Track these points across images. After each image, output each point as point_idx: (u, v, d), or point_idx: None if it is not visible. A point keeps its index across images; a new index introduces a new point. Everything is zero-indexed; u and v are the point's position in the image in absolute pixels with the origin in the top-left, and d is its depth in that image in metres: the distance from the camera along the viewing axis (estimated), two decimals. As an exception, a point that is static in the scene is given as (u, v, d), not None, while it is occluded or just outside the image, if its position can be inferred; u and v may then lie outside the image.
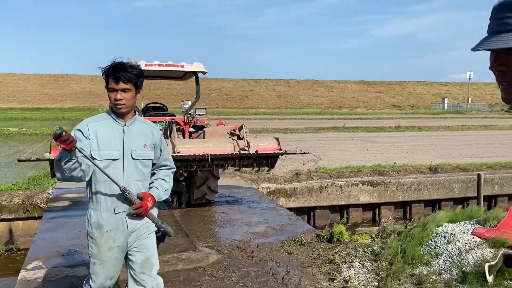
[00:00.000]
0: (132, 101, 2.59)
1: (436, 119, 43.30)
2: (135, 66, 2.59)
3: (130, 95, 2.56)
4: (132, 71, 2.54)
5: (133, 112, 2.68)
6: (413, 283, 3.87)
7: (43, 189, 8.81)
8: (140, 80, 2.60)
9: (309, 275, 4.24)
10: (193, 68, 6.79)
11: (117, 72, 2.50)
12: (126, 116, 2.62)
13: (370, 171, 11.60)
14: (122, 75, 2.49)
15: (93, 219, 2.59)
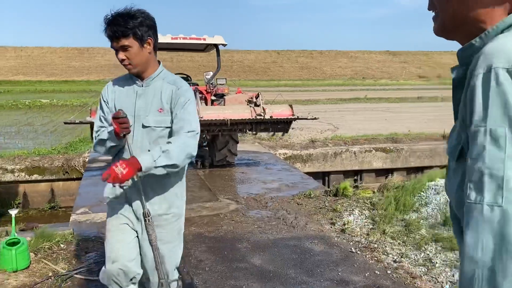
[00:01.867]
0: (139, 58, 2.16)
1: (461, 89, 42.54)
2: (132, 15, 2.12)
3: (134, 51, 2.14)
4: (127, 23, 2.09)
5: (155, 67, 2.26)
6: (402, 226, 4.51)
7: (79, 153, 9.70)
8: (143, 29, 2.12)
9: (314, 220, 4.93)
10: (214, 40, 7.40)
11: (109, 28, 2.11)
12: (144, 73, 2.23)
13: (384, 138, 12.09)
14: (116, 31, 2.09)
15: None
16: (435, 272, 3.53)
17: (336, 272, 3.62)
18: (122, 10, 2.12)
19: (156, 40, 2.22)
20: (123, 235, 2.24)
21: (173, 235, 2.33)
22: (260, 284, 3.40)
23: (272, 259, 3.88)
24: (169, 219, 2.30)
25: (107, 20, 2.12)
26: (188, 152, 2.12)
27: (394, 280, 3.46)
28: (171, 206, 2.29)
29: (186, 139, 2.12)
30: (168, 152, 2.05)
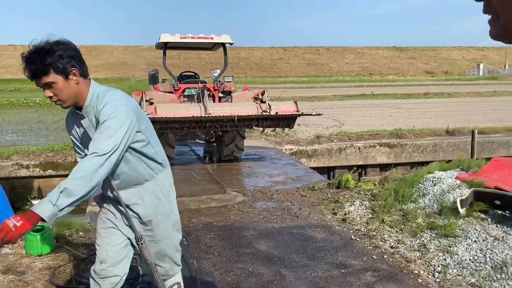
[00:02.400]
0: (67, 91, 2.04)
1: (469, 85, 42.45)
2: (48, 49, 1.99)
3: (60, 87, 2.02)
4: (44, 60, 1.97)
5: (86, 93, 2.10)
6: (400, 215, 4.76)
7: (92, 149, 10.03)
8: (63, 62, 2.00)
9: (317, 211, 5.20)
10: (221, 39, 7.67)
11: (27, 68, 2.00)
12: (79, 104, 2.12)
13: (389, 134, 12.31)
14: (34, 70, 1.98)
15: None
16: (429, 256, 3.78)
17: (336, 256, 3.88)
18: (39, 45, 2.00)
19: (82, 68, 2.08)
20: (111, 237, 2.29)
21: (168, 231, 2.39)
22: (265, 267, 3.67)
23: (276, 245, 4.15)
24: (159, 220, 2.33)
25: (23, 59, 1.99)
26: (92, 177, 1.90)
27: (390, 264, 3.71)
28: (156, 210, 2.31)
29: (86, 163, 1.94)
30: (67, 189, 1.85)
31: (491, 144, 12.01)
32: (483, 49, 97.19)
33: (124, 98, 2.15)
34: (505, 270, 3.41)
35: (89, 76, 2.16)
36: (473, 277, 3.40)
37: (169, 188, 2.40)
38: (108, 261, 2.25)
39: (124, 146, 2.05)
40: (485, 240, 3.96)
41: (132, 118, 2.09)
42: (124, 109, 2.07)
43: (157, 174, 2.31)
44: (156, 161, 2.29)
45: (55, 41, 2.03)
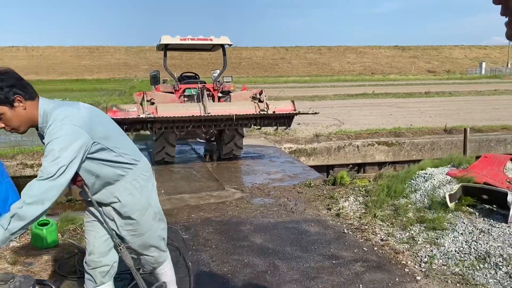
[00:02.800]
0: (17, 119, 2.08)
1: (471, 84, 42.51)
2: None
3: (8, 116, 2.06)
4: None
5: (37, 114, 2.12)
6: (392, 210, 4.93)
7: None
8: (3, 92, 2.02)
9: (312, 206, 5.37)
10: (220, 41, 7.86)
11: None
12: (36, 126, 2.15)
13: (387, 132, 12.46)
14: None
15: None
16: (416, 248, 3.95)
17: (328, 249, 4.06)
18: None
19: (26, 92, 2.08)
20: (95, 230, 2.41)
21: (149, 223, 2.46)
22: (260, 258, 3.85)
23: (271, 238, 4.33)
24: (138, 215, 2.40)
25: None
26: (43, 201, 1.93)
27: (380, 255, 3.89)
28: (133, 206, 2.37)
29: (34, 187, 1.95)
30: (17, 214, 1.90)
31: (489, 142, 12.17)
32: (485, 47, 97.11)
33: (70, 115, 2.08)
34: (488, 260, 3.58)
35: (37, 96, 2.15)
36: (457, 266, 3.57)
37: (144, 183, 2.42)
38: (96, 252, 2.39)
39: (76, 165, 2.04)
40: (472, 232, 4.12)
41: (79, 135, 2.06)
42: (68, 128, 2.03)
43: (126, 173, 2.33)
44: (121, 162, 2.30)
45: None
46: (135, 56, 79.07)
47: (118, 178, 2.32)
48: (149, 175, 2.50)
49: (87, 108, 2.24)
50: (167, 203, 5.61)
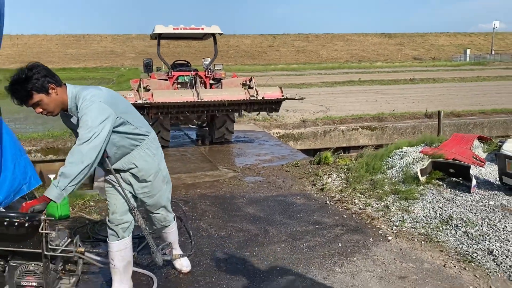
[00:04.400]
0: (53, 103, 2.53)
1: (456, 71, 43.32)
2: (24, 77, 2.43)
3: (45, 102, 2.50)
4: (24, 88, 2.43)
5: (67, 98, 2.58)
6: (370, 184, 5.47)
7: (90, 135, 10.59)
8: (40, 82, 2.45)
9: (298, 183, 5.89)
10: (211, 30, 8.28)
11: (14, 98, 2.47)
12: (65, 108, 2.61)
13: (371, 118, 13.04)
14: (20, 98, 2.47)
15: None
16: (390, 215, 4.50)
17: (312, 216, 4.58)
18: (16, 77, 2.42)
19: (55, 80, 2.51)
20: (116, 194, 2.84)
21: (160, 185, 2.94)
22: (252, 225, 4.36)
23: (262, 209, 4.84)
24: (151, 180, 2.87)
25: (9, 92, 2.44)
26: (83, 160, 2.40)
27: (357, 221, 4.42)
28: (148, 169, 2.83)
29: (75, 151, 2.43)
30: (63, 173, 2.38)
31: (466, 126, 12.82)
32: (470, 35, 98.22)
33: (96, 94, 2.57)
34: (450, 223, 4.13)
35: (64, 83, 2.60)
36: (424, 228, 4.12)
37: (155, 151, 2.90)
38: (118, 211, 2.84)
39: (106, 133, 2.50)
40: (438, 201, 4.68)
41: (106, 109, 2.52)
42: (97, 104, 2.51)
43: (141, 142, 2.81)
44: (138, 134, 2.77)
45: (27, 68, 2.45)
46: (122, 44, 78.47)
47: (135, 148, 2.81)
48: (157, 144, 3.01)
49: (107, 89, 2.77)
50: (165, 182, 6.07)
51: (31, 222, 2.35)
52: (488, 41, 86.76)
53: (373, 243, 3.86)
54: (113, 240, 2.88)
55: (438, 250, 3.68)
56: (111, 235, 2.89)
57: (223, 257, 3.64)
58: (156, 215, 3.11)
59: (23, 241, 2.38)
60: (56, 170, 9.22)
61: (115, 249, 2.89)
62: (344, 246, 3.80)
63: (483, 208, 4.38)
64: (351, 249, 3.74)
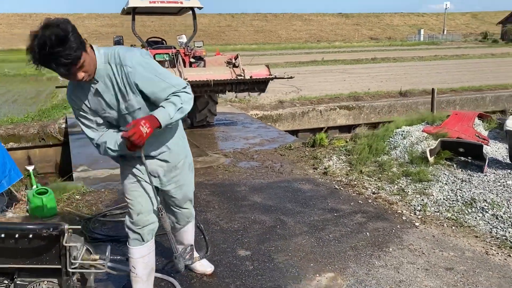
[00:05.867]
0: (92, 63, 2.05)
1: (412, 50, 44.27)
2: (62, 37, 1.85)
3: (88, 62, 2.00)
4: (71, 48, 1.87)
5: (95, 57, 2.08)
6: (376, 166, 5.22)
7: (54, 120, 9.78)
8: (77, 37, 1.91)
9: (298, 167, 5.55)
10: (190, 3, 7.67)
11: (60, 65, 1.88)
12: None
13: (347, 97, 12.89)
14: (69, 62, 1.89)
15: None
16: (408, 198, 4.25)
17: (326, 203, 4.26)
18: (52, 39, 1.82)
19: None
20: (139, 189, 2.39)
21: (186, 173, 2.58)
22: (265, 215, 3.99)
23: (269, 197, 4.47)
24: (180, 166, 2.50)
25: (45, 57, 1.85)
26: (190, 102, 2.25)
27: (375, 206, 4.15)
28: (179, 154, 2.49)
29: (182, 95, 2.20)
30: (181, 109, 2.17)
31: (440, 104, 12.90)
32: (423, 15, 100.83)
33: (142, 51, 2.24)
34: (474, 205, 3.93)
35: None
36: (449, 212, 3.90)
37: (183, 134, 2.59)
38: (144, 211, 2.40)
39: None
40: (454, 182, 4.48)
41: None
42: (152, 59, 2.25)
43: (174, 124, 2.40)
44: None
45: (57, 25, 1.87)
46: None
47: (167, 129, 2.34)
48: (182, 128, 2.60)
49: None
50: (153, 170, 5.57)
51: (51, 234, 1.85)
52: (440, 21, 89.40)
53: (402, 231, 3.59)
54: (136, 245, 2.43)
55: (472, 236, 3.46)
56: (134, 239, 2.43)
57: (245, 254, 3.25)
58: (183, 211, 2.71)
59: (38, 256, 1.89)
60: (18, 158, 8.31)
61: (137, 255, 2.44)
62: (373, 236, 3.51)
63: (503, 188, 4.22)
64: (382, 239, 3.45)
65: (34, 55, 1.85)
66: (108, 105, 2.17)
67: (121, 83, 2.13)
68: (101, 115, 2.21)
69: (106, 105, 2.17)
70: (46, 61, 1.86)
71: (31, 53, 1.85)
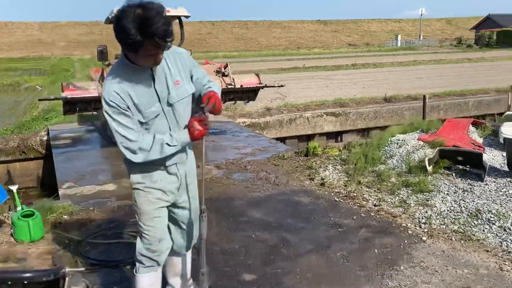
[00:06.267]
0: None
1: (390, 55, 44.83)
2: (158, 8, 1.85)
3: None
4: (171, 24, 1.92)
5: None
6: (374, 176, 5.11)
7: (36, 132, 9.42)
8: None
9: (293, 178, 5.40)
10: (177, 12, 7.48)
11: (161, 36, 1.85)
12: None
13: (333, 103, 12.85)
14: (170, 37, 1.89)
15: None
16: (411, 211, 4.14)
17: (328, 218, 4.12)
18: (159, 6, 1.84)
19: None
20: (161, 214, 2.28)
21: (196, 182, 2.50)
22: (267, 233, 3.81)
23: (269, 212, 4.30)
24: (193, 175, 2.46)
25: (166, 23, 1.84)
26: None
27: (379, 220, 4.02)
28: (194, 164, 2.49)
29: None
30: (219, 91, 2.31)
31: (424, 109, 12.99)
32: (399, 21, 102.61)
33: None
34: (480, 216, 3.85)
35: None
36: (454, 224, 3.80)
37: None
38: (166, 237, 2.31)
39: None
40: (456, 192, 4.40)
41: None
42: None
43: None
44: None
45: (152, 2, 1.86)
46: (50, 32, 73.08)
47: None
48: None
49: None
50: (144, 185, 5.34)
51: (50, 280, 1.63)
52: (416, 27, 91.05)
53: (410, 246, 3.47)
54: (148, 271, 2.28)
55: (483, 250, 3.36)
56: (149, 266, 2.27)
57: (251, 277, 3.07)
58: (193, 229, 2.47)
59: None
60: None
61: (146, 283, 2.26)
62: (382, 252, 3.37)
63: (506, 198, 4.16)
64: (391, 256, 3.32)
65: (155, 23, 1.80)
66: (158, 96, 2.08)
67: (174, 69, 2.11)
68: (143, 111, 2.06)
69: (156, 96, 2.07)
70: (166, 24, 1.84)
71: (151, 21, 1.80)
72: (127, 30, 1.81)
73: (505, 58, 34.96)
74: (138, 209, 2.25)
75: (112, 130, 2.06)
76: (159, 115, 2.09)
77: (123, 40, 1.87)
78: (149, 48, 1.87)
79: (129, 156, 2.07)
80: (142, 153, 2.06)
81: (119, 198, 4.85)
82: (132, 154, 2.06)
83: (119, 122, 2.04)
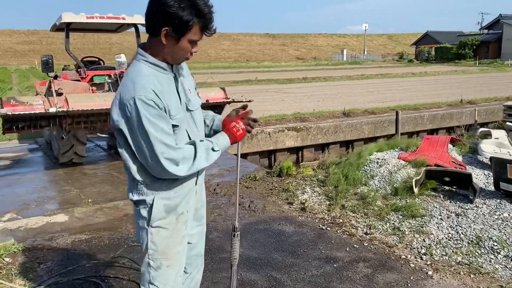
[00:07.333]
0: None
1: (338, 69, 45.98)
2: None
3: None
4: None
5: None
6: (358, 199, 4.75)
7: (-32, 152, 8.33)
8: None
9: (270, 202, 4.94)
10: (134, 20, 6.87)
11: (210, 19, 1.75)
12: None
13: (293, 118, 12.59)
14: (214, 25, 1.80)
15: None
16: (407, 239, 3.80)
17: (319, 250, 3.68)
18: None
19: None
20: (185, 252, 2.08)
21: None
22: (253, 272, 3.31)
23: (251, 245, 3.80)
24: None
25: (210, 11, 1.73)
26: None
27: (374, 251, 3.64)
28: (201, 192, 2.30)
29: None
30: None
31: (382, 123, 13.04)
32: (344, 36, 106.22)
33: None
34: (482, 245, 3.56)
35: None
36: (457, 255, 3.49)
37: None
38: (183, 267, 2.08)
39: None
40: (449, 217, 4.12)
41: None
42: None
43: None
44: None
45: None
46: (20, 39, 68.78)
47: None
48: None
49: None
50: (101, 215, 4.66)
51: None
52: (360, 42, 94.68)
53: (417, 284, 3.09)
54: None
55: (496, 285, 3.05)
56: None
57: (246, 334, 2.55)
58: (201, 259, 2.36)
59: None
60: None
61: None
62: (389, 293, 2.97)
63: (503, 222, 3.93)
64: (401, 297, 2.92)
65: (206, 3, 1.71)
66: (180, 101, 1.85)
67: (184, 77, 1.93)
68: (173, 116, 1.77)
69: (179, 102, 1.84)
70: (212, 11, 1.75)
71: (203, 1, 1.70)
72: (179, 7, 1.64)
73: (444, 72, 36.86)
74: (155, 252, 1.88)
75: (145, 137, 1.65)
76: (185, 122, 1.83)
77: (171, 21, 1.65)
78: (196, 32, 1.72)
79: (172, 170, 1.70)
80: (186, 163, 1.74)
81: (72, 232, 4.16)
82: (175, 166, 1.71)
83: (158, 126, 1.66)
